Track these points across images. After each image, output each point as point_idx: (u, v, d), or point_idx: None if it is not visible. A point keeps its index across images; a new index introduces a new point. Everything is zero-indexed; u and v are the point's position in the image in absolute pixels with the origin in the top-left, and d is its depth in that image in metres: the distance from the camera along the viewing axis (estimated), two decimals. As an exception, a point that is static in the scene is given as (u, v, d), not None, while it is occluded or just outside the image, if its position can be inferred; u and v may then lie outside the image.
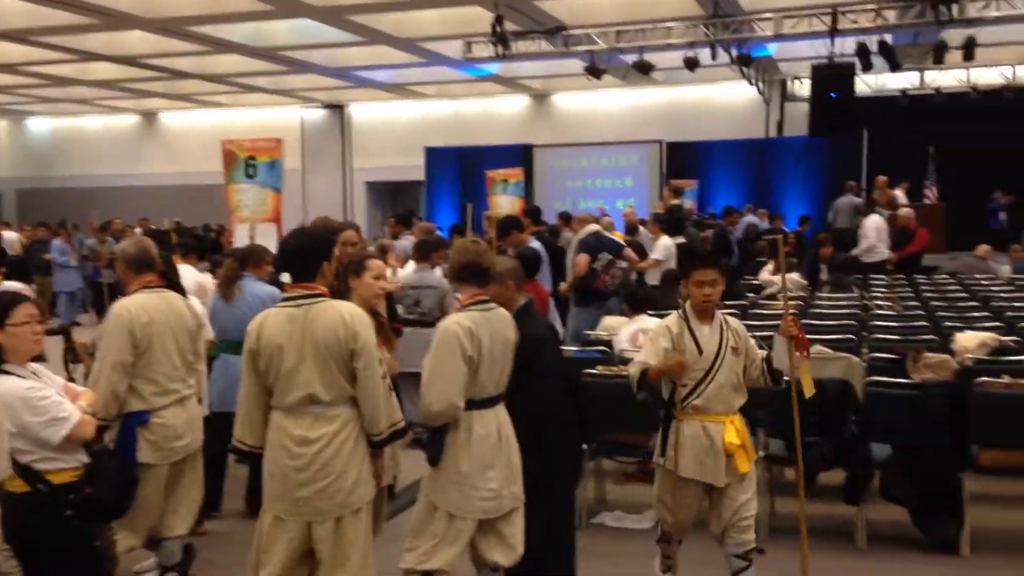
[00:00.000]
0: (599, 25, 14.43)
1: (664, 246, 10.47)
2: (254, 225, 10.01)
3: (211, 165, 12.96)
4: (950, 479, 4.99)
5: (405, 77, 19.49)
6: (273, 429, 3.54)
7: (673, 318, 4.16)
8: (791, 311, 4.14)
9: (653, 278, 9.76)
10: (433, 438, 3.67)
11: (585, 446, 5.35)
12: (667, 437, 4.08)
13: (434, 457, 3.67)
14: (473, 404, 3.64)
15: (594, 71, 15.27)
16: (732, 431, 4.01)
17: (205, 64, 17.44)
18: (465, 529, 3.67)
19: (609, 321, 7.71)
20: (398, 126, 22.72)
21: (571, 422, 4.23)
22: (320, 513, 3.49)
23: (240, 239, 9.61)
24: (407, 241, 10.33)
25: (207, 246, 8.42)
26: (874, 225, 12.26)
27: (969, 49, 13.54)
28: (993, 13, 12.71)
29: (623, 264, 9.04)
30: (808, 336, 4.83)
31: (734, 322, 4.19)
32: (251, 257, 5.88)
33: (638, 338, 6.18)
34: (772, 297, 9.31)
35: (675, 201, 12.91)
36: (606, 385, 5.45)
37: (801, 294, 9.72)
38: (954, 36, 13.92)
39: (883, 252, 12.18)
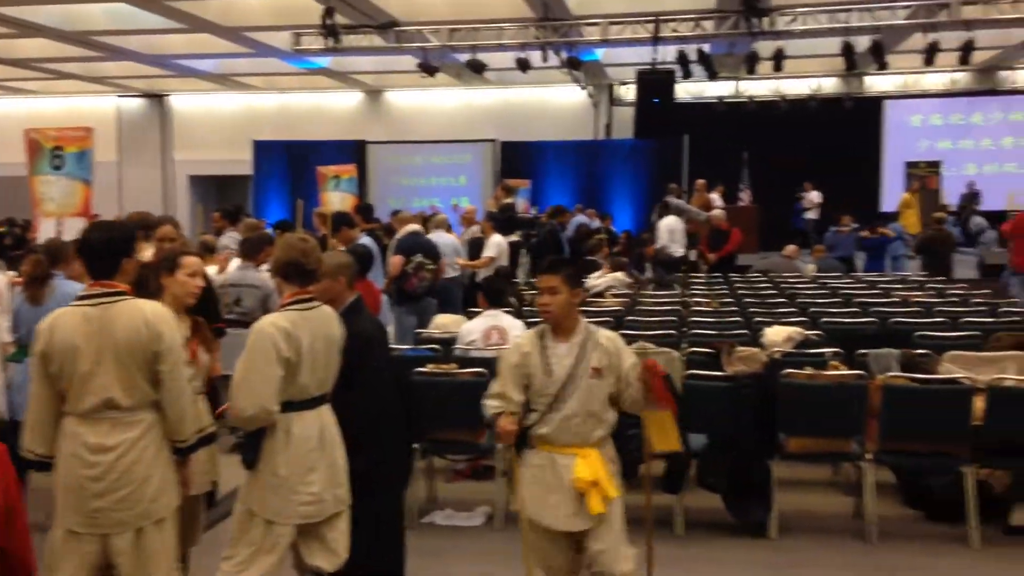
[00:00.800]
0: (432, 23, 14.44)
1: (496, 243, 10.59)
2: (61, 220, 9.37)
3: (15, 156, 12.04)
4: (760, 466, 5.28)
5: (231, 67, 18.83)
6: (66, 437, 3.30)
7: (529, 334, 3.70)
8: (651, 352, 3.74)
9: (489, 273, 9.83)
10: (248, 441, 3.52)
11: (415, 444, 5.31)
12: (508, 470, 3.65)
13: (250, 461, 3.52)
14: (293, 406, 3.53)
15: (427, 68, 15.27)
16: (583, 466, 3.46)
17: (9, 48, 16.25)
18: (284, 535, 3.54)
19: (441, 319, 7.70)
20: (223, 118, 21.91)
21: (401, 420, 4.18)
22: (119, 524, 3.29)
23: (46, 234, 8.97)
24: (230, 238, 9.94)
25: (7, 242, 7.82)
26: (666, 227, 12.97)
27: (778, 60, 14.45)
28: (800, 27, 13.64)
29: (432, 266, 8.93)
30: (631, 333, 4.95)
31: (607, 339, 3.61)
32: (62, 254, 5.50)
33: (492, 335, 6.19)
34: (599, 295, 9.58)
35: (508, 200, 13.11)
36: (436, 383, 5.45)
37: (627, 291, 10.05)
38: (765, 48, 14.81)
39: (678, 251, 12.84)
